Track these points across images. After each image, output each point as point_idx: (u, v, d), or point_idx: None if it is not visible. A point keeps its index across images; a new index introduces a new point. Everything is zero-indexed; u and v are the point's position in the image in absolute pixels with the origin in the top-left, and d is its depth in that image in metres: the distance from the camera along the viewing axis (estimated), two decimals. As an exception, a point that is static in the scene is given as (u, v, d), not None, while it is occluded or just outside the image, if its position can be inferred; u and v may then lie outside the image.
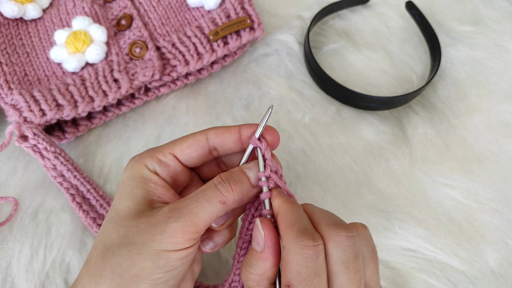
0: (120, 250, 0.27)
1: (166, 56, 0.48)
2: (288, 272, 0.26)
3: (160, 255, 0.27)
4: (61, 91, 0.43)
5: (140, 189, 0.30)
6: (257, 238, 0.28)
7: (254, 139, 0.31)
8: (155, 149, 0.32)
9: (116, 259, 0.27)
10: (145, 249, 0.27)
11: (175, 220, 0.27)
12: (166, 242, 0.27)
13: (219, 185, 0.29)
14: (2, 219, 0.42)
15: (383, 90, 0.53)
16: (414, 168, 0.47)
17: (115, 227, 0.28)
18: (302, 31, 0.56)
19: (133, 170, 0.31)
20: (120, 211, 0.29)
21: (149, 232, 0.27)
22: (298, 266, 0.25)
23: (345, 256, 0.26)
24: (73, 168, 0.42)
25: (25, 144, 0.40)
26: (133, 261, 0.26)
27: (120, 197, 0.30)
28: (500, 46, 0.57)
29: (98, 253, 0.28)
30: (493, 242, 0.44)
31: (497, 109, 0.52)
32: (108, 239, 0.28)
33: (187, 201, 0.28)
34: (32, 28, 0.49)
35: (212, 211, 0.28)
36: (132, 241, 0.27)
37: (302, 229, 0.27)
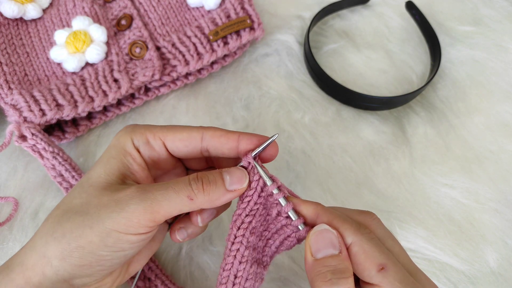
0: (75, 217, 0.27)
1: (166, 56, 0.48)
2: (374, 257, 0.27)
3: (111, 234, 0.27)
4: (61, 91, 0.43)
5: (117, 159, 0.30)
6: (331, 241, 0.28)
7: (250, 158, 0.30)
8: (149, 128, 0.31)
9: (69, 225, 0.27)
10: (98, 224, 0.26)
11: (137, 202, 0.27)
12: (120, 222, 0.26)
13: (192, 181, 0.28)
14: (2, 219, 0.42)
15: (383, 90, 0.53)
16: (414, 168, 0.47)
17: (80, 192, 0.29)
18: (302, 31, 0.56)
19: (119, 139, 0.31)
20: (91, 178, 0.29)
21: (108, 207, 0.27)
22: (377, 248, 0.27)
23: (388, 232, 0.29)
24: (71, 168, 0.42)
25: (24, 144, 0.40)
26: (83, 232, 0.26)
27: (97, 163, 0.30)
28: (500, 46, 0.57)
29: (57, 214, 0.28)
30: (493, 242, 0.44)
31: (497, 109, 0.52)
32: (70, 203, 0.28)
33: (156, 187, 0.28)
34: (32, 28, 0.49)
35: (176, 204, 0.28)
36: (89, 211, 0.27)
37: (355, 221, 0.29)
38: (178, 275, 0.40)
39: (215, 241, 0.42)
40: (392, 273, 0.26)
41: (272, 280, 0.40)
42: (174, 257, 0.41)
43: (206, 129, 0.31)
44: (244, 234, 0.30)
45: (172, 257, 0.41)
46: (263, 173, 0.30)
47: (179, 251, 0.41)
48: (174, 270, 0.41)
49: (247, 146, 0.31)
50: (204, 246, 0.42)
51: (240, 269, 0.29)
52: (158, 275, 0.39)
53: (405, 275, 0.26)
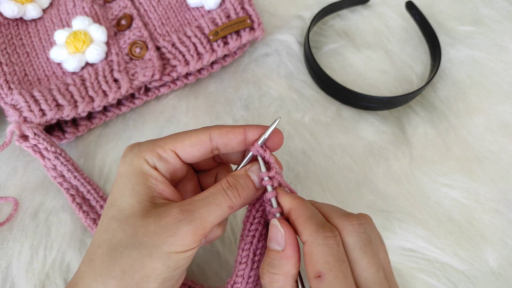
0: (129, 251, 0.27)
1: (166, 56, 0.48)
2: (316, 263, 0.27)
3: (171, 256, 0.27)
4: (61, 91, 0.43)
5: (142, 185, 0.30)
6: (277, 238, 0.28)
7: (257, 147, 0.31)
8: (155, 143, 0.31)
9: (126, 260, 0.27)
10: (156, 251, 0.27)
11: (187, 223, 0.27)
12: (176, 244, 0.27)
13: (228, 190, 0.29)
14: (2, 219, 0.42)
15: (383, 90, 0.53)
16: (414, 168, 0.47)
17: (121, 226, 0.28)
18: (302, 31, 0.56)
19: (132, 164, 0.30)
20: (124, 210, 0.29)
21: (159, 234, 0.27)
22: (325, 255, 0.26)
23: (361, 242, 0.28)
24: (73, 169, 0.42)
25: (25, 144, 0.40)
26: (143, 263, 0.27)
27: (121, 193, 0.30)
28: (500, 46, 0.57)
29: (103, 253, 0.28)
30: (493, 242, 0.44)
31: (497, 109, 0.52)
32: (114, 238, 0.28)
33: (198, 204, 0.28)
34: (32, 28, 0.49)
35: (220, 215, 0.29)
36: (142, 242, 0.27)
37: (320, 222, 0.28)
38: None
39: (215, 241, 0.42)
40: (326, 285, 0.26)
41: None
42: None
43: (212, 129, 0.32)
44: (262, 215, 0.32)
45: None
46: (261, 162, 0.31)
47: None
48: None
49: (254, 137, 0.32)
50: (204, 246, 0.42)
51: (259, 247, 0.31)
52: None
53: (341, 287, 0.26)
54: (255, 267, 0.31)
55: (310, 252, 0.27)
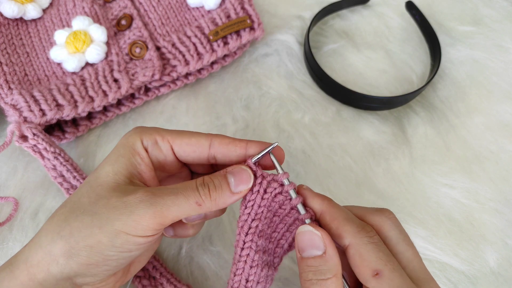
0: (83, 217, 0.27)
1: (166, 56, 0.48)
2: (369, 262, 0.26)
3: (119, 235, 0.27)
4: (61, 91, 0.43)
5: (125, 158, 0.30)
6: (314, 242, 0.28)
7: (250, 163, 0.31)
8: (157, 130, 0.32)
9: (77, 224, 0.27)
10: (107, 224, 0.27)
11: (147, 206, 0.27)
12: (129, 225, 0.27)
13: (200, 187, 0.29)
14: (2, 219, 0.42)
15: (383, 90, 0.53)
16: (414, 168, 0.47)
17: (88, 191, 0.29)
18: (302, 31, 0.56)
19: (128, 139, 0.31)
20: (99, 177, 0.29)
21: (116, 208, 0.27)
22: (375, 252, 0.27)
23: (403, 235, 0.28)
24: (73, 169, 0.42)
25: (25, 144, 0.40)
26: (91, 232, 0.27)
27: (105, 161, 0.30)
28: (500, 46, 0.57)
29: (63, 212, 0.28)
30: (493, 242, 0.44)
31: (497, 109, 0.52)
32: (78, 201, 0.28)
33: (166, 191, 0.28)
34: (32, 28, 0.49)
35: (185, 209, 0.28)
36: (98, 211, 0.27)
37: (359, 223, 0.28)
38: (178, 274, 0.40)
39: (215, 241, 0.42)
40: (387, 280, 0.26)
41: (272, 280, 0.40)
42: (174, 256, 0.41)
43: (215, 137, 0.32)
44: (253, 239, 0.30)
45: (173, 256, 0.41)
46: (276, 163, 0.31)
47: (179, 250, 0.41)
48: (175, 270, 0.41)
49: (255, 153, 0.31)
50: (204, 246, 0.42)
51: (252, 273, 0.30)
52: (163, 273, 0.39)
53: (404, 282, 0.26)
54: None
55: (360, 253, 0.27)
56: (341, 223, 0.28)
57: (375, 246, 0.27)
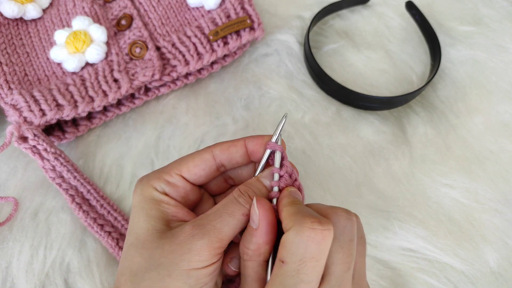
0: (149, 274, 0.27)
1: (166, 56, 0.48)
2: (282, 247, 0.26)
3: (190, 273, 0.27)
4: (61, 91, 0.43)
5: (155, 210, 0.30)
6: (253, 216, 0.28)
7: (272, 143, 0.31)
8: (161, 170, 0.32)
9: (147, 283, 0.27)
10: (174, 269, 0.27)
11: (200, 237, 0.27)
12: (194, 260, 0.27)
13: (240, 198, 0.29)
14: (2, 219, 0.42)
15: (383, 90, 0.53)
16: (414, 168, 0.47)
17: (137, 251, 0.28)
18: (302, 31, 0.56)
19: (143, 193, 0.31)
20: (140, 235, 0.29)
21: (175, 252, 0.27)
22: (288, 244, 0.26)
23: (341, 236, 0.27)
24: (73, 169, 0.42)
25: (24, 145, 0.40)
26: (164, 283, 0.27)
27: (136, 221, 0.30)
28: (500, 46, 0.57)
29: (126, 279, 0.28)
30: (493, 242, 0.44)
31: (497, 109, 0.52)
32: (133, 263, 0.28)
33: (210, 217, 0.28)
34: (32, 28, 0.49)
35: (235, 225, 0.29)
36: (160, 262, 0.27)
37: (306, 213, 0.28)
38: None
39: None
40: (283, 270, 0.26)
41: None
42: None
43: (214, 147, 0.32)
44: None
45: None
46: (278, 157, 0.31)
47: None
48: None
49: (254, 147, 0.32)
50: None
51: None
52: None
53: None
54: None
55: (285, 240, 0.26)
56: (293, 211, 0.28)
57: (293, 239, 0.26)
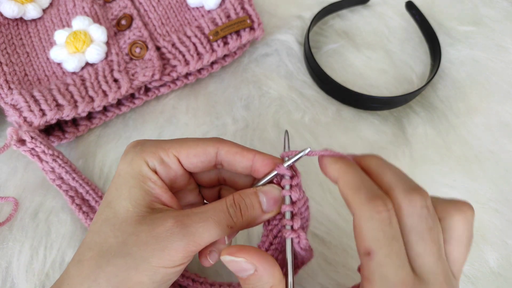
0: (116, 260, 0.26)
1: (166, 56, 0.48)
2: (364, 238, 0.24)
3: (158, 271, 0.26)
4: (61, 91, 0.43)
5: (138, 188, 0.28)
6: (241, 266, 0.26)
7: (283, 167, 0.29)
8: (160, 144, 0.30)
9: (112, 269, 0.26)
10: (143, 264, 0.26)
11: (179, 238, 0.26)
12: (165, 259, 0.26)
13: (230, 208, 0.28)
14: (2, 219, 0.42)
15: (383, 90, 0.53)
16: (414, 168, 0.47)
17: (113, 231, 0.27)
18: (302, 31, 0.56)
19: (132, 164, 0.29)
20: (119, 213, 0.28)
21: (149, 245, 0.26)
22: (374, 231, 0.24)
23: (419, 226, 0.25)
24: (72, 170, 0.42)
25: (22, 148, 0.40)
26: (129, 275, 0.26)
27: (118, 194, 0.28)
28: (500, 46, 0.57)
29: (92, 256, 0.27)
30: (493, 242, 0.44)
31: (497, 109, 0.52)
32: (105, 243, 0.27)
33: (195, 218, 0.27)
34: (32, 28, 0.49)
35: (217, 233, 0.27)
36: (130, 251, 0.26)
37: (370, 192, 0.25)
38: (178, 275, 0.40)
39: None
40: (376, 264, 0.24)
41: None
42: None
43: (222, 144, 0.30)
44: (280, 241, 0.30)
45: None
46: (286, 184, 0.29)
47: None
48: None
49: (261, 167, 0.30)
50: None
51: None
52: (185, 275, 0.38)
53: (396, 273, 0.24)
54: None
55: (359, 227, 0.25)
56: (350, 192, 0.26)
57: (379, 223, 0.24)
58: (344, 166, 0.27)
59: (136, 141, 0.30)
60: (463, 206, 0.27)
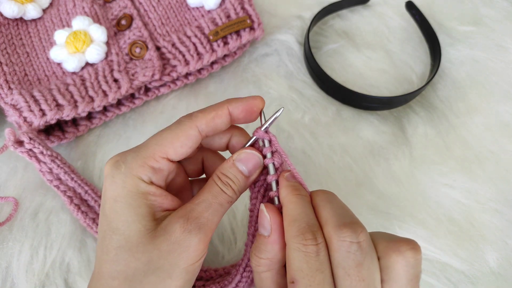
0: (148, 278, 0.27)
1: (166, 56, 0.48)
2: (291, 268, 0.26)
3: (188, 269, 0.27)
4: (61, 91, 0.43)
5: (143, 207, 0.28)
6: (263, 223, 0.29)
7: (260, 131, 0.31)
8: (143, 155, 0.29)
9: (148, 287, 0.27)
10: (175, 270, 0.27)
11: (197, 233, 0.27)
12: (191, 256, 0.27)
13: (223, 187, 0.29)
14: (2, 219, 0.42)
15: (383, 90, 0.53)
16: (414, 168, 0.47)
17: (132, 255, 0.27)
18: (302, 31, 0.56)
19: (126, 186, 0.28)
20: (131, 237, 0.27)
21: (173, 252, 0.27)
22: (299, 262, 0.26)
23: (345, 263, 0.25)
24: (70, 171, 0.42)
25: (20, 149, 0.40)
26: (165, 285, 0.27)
27: (123, 220, 0.28)
28: (500, 46, 0.57)
29: (119, 284, 0.27)
30: (493, 242, 0.44)
31: (497, 109, 0.52)
32: (129, 268, 0.27)
33: (200, 209, 0.28)
34: (32, 28, 0.49)
35: (222, 213, 0.29)
36: (159, 265, 0.27)
37: (303, 226, 0.26)
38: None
39: (215, 241, 0.42)
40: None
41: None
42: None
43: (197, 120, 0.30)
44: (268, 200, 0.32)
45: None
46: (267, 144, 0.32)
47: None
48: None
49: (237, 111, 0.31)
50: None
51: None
52: None
53: None
54: None
55: (287, 256, 0.27)
56: (288, 221, 0.28)
57: (304, 255, 0.25)
58: (290, 196, 0.29)
59: (114, 159, 0.29)
60: (402, 246, 0.26)
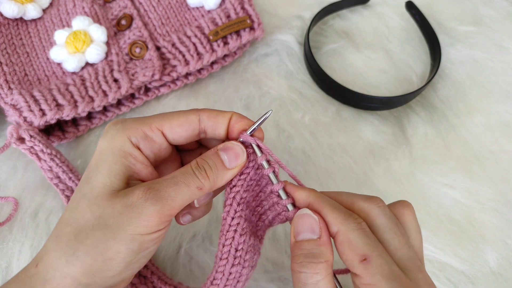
0: (94, 232, 0.27)
1: (166, 56, 0.48)
2: (356, 247, 0.27)
3: (135, 238, 0.27)
4: (61, 91, 0.43)
5: (119, 164, 0.29)
6: (312, 226, 0.28)
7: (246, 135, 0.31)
8: (142, 120, 0.30)
9: (90, 241, 0.27)
10: (120, 233, 0.26)
11: (153, 203, 0.27)
12: (141, 225, 0.27)
13: (196, 171, 0.29)
14: (2, 219, 0.42)
15: (383, 90, 0.53)
16: (414, 168, 0.47)
17: (89, 205, 0.28)
18: (302, 31, 0.56)
19: (113, 141, 0.29)
20: (95, 188, 0.28)
21: (124, 214, 0.27)
22: (363, 238, 0.27)
23: (389, 224, 0.28)
24: (69, 170, 0.42)
25: (22, 146, 0.40)
26: (107, 245, 0.26)
27: (96, 171, 0.29)
28: (500, 46, 0.57)
29: (70, 231, 0.27)
30: (493, 242, 0.44)
31: (497, 109, 0.52)
32: (82, 218, 0.28)
33: (166, 183, 0.28)
34: (32, 28, 0.49)
35: (189, 196, 0.28)
36: (107, 223, 0.27)
37: (345, 211, 0.29)
38: (177, 273, 0.40)
39: (215, 241, 0.42)
40: (375, 265, 0.26)
41: (272, 280, 0.40)
42: (173, 255, 0.41)
43: (202, 111, 0.31)
44: (243, 208, 0.31)
45: (171, 255, 0.41)
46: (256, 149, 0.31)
47: (178, 250, 0.41)
48: (173, 269, 0.41)
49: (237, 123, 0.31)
50: (204, 246, 0.42)
51: (241, 242, 0.30)
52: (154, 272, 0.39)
53: (391, 269, 0.26)
54: (236, 263, 0.30)
55: (348, 239, 0.27)
56: (328, 211, 0.29)
57: (363, 232, 0.27)
58: (312, 193, 0.30)
59: (116, 120, 0.31)
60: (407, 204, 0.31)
